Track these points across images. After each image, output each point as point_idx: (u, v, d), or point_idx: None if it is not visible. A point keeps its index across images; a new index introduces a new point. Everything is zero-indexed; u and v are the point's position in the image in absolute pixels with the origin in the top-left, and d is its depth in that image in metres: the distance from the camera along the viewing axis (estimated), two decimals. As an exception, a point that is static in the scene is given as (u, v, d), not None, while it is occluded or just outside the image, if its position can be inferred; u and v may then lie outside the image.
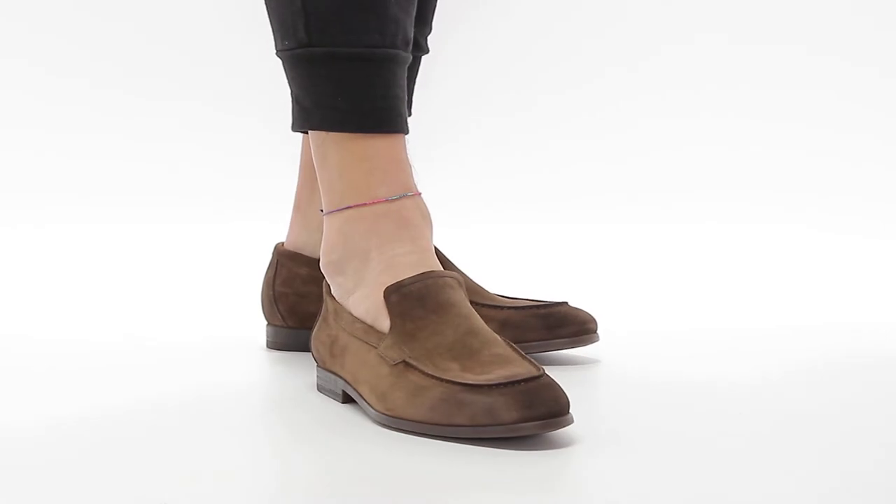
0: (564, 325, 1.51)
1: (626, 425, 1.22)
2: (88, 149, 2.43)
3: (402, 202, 1.28)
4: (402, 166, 1.29)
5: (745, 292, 2.09)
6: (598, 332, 1.55)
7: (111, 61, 2.50)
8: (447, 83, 2.57)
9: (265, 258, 1.59)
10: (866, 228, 2.51)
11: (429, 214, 1.31)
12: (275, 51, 1.33)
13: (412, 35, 1.31)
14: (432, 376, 1.18)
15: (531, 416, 1.13)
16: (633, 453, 1.12)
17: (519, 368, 1.17)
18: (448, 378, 1.17)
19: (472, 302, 1.49)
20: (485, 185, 2.60)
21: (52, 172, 2.40)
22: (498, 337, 1.22)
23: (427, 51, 1.58)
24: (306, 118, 1.31)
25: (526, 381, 1.14)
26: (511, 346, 1.21)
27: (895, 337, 1.69)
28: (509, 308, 1.51)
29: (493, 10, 2.66)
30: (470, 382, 1.15)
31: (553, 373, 1.33)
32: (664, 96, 2.69)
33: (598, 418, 1.24)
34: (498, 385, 1.14)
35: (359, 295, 1.28)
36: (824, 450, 1.15)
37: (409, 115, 1.55)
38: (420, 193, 1.30)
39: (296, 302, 1.55)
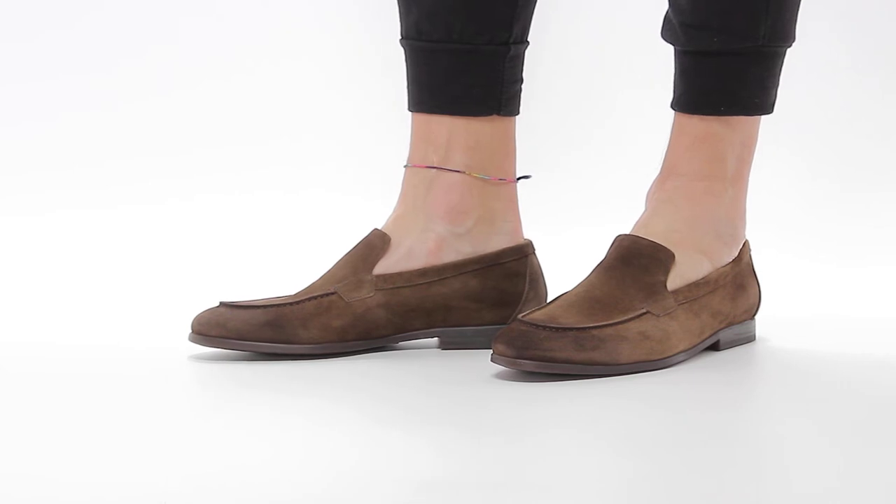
0: None
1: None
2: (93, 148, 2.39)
3: (405, 171, 1.53)
4: (416, 141, 1.51)
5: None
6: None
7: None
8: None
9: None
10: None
11: (413, 183, 1.50)
12: None
13: (446, 26, 1.47)
14: None
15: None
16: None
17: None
18: None
19: None
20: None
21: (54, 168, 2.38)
22: (333, 280, 1.46)
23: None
24: None
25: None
26: (328, 288, 1.45)
27: None
28: None
29: None
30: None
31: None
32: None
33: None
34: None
35: None
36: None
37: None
38: (419, 165, 1.50)
39: None
